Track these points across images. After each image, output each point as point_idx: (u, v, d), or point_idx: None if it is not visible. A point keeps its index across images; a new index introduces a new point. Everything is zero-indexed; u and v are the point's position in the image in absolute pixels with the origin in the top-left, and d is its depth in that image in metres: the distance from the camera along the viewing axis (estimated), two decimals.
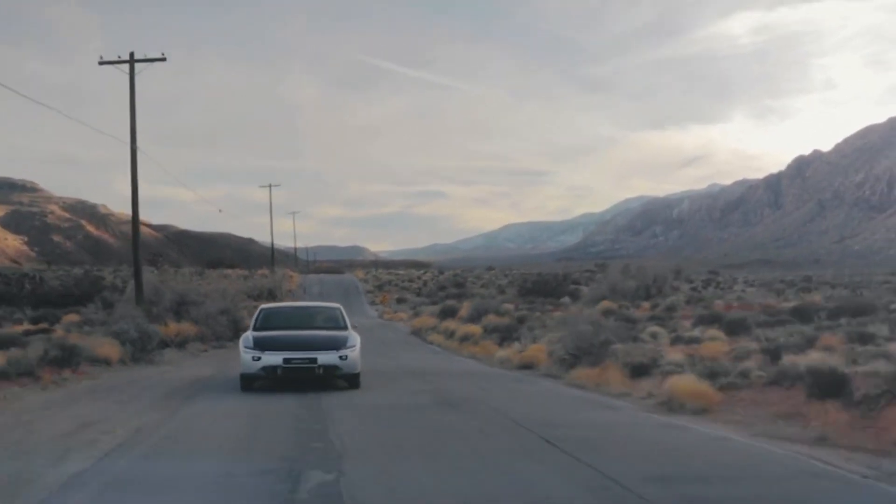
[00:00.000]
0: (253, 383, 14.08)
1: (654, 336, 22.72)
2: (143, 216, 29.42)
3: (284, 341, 14.11)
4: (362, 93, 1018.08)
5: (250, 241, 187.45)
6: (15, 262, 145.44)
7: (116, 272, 75.59)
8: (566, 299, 52.57)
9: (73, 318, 32.44)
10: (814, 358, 13.42)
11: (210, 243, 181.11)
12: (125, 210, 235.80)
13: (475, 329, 28.23)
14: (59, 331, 24.95)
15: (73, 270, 77.11)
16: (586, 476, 6.92)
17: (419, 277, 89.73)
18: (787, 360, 13.88)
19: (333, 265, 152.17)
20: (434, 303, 52.08)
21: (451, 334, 29.73)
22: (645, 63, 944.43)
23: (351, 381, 14.21)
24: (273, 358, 13.76)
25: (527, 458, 7.88)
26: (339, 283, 78.14)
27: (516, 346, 22.44)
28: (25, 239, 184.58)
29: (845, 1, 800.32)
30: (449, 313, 37.26)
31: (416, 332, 35.13)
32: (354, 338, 14.53)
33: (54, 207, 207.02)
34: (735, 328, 23.75)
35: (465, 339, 27.33)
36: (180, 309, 28.33)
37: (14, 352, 14.75)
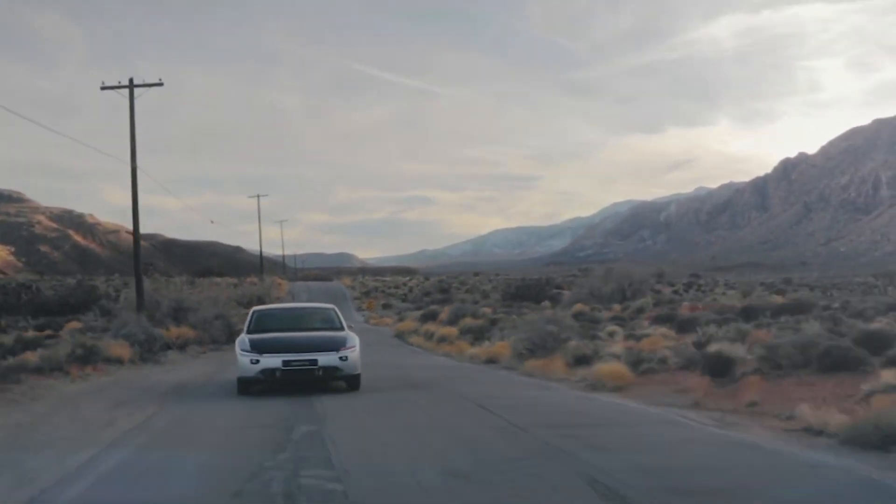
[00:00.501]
0: (251, 387, 13.93)
1: (611, 334, 25.34)
2: (131, 225, 31.84)
3: (283, 343, 14.03)
4: (349, 99, 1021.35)
5: (238, 249, 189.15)
6: (2, 272, 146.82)
7: (108, 281, 77.98)
8: (546, 303, 55.16)
9: (74, 325, 34.80)
10: (727, 348, 16.15)
11: (198, 252, 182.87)
12: (112, 219, 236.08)
13: (452, 331, 30.90)
14: (65, 337, 27.39)
15: (66, 280, 79.34)
16: (500, 424, 9.69)
17: (405, 284, 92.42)
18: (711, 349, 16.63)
19: (321, 272, 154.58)
20: (419, 308, 54.66)
21: (430, 336, 32.34)
22: (630, 67, 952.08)
23: (351, 382, 14.21)
24: (272, 360, 13.61)
25: (461, 415, 10.69)
26: (327, 290, 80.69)
27: (486, 344, 25.11)
28: (12, 249, 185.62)
29: (828, 4, 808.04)
30: (430, 317, 39.99)
31: (399, 335, 37.73)
32: (353, 338, 14.57)
33: (41, 217, 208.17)
34: (685, 326, 26.48)
35: (442, 339, 29.94)
36: (178, 315, 30.86)
37: (45, 351, 17.32)
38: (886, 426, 7.80)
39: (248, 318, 16.04)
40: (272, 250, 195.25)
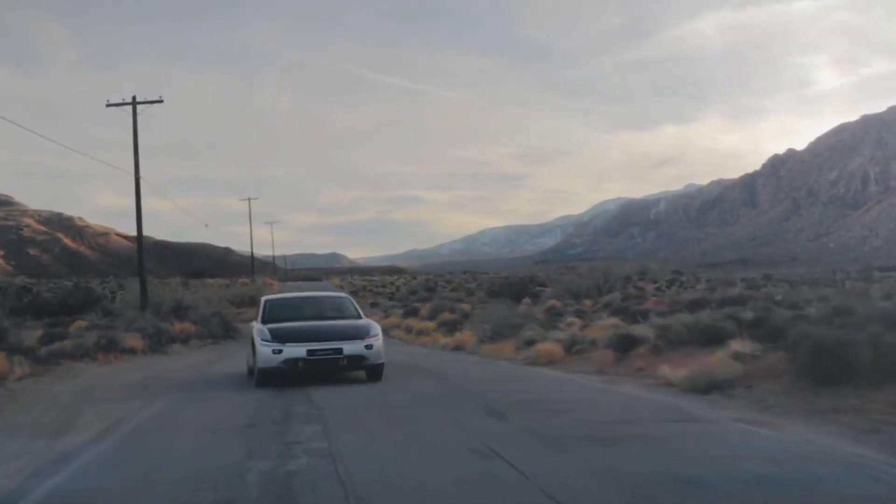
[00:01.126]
0: (272, 379, 13.52)
1: (569, 325, 28.79)
2: (120, 228, 35.26)
3: (306, 332, 13.80)
4: (336, 99, 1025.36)
5: (228, 250, 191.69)
6: None
7: (104, 284, 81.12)
8: (527, 300, 58.56)
9: (80, 324, 38.05)
10: (636, 329, 19.61)
11: (188, 253, 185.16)
12: (101, 222, 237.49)
13: (430, 325, 34.35)
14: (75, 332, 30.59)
15: (62, 283, 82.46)
16: (442, 383, 13.23)
17: (392, 283, 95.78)
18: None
19: (311, 273, 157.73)
20: (404, 306, 57.98)
21: (411, 330, 35.76)
22: (617, 65, 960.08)
23: (375, 371, 14.10)
24: (295, 350, 13.35)
25: (414, 377, 14.28)
26: (316, 289, 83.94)
27: (458, 335, 28.54)
28: (2, 252, 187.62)
29: (815, 0, 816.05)
30: (412, 313, 43.41)
31: (384, 330, 41.10)
32: (376, 326, 14.59)
33: (30, 220, 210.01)
34: (636, 317, 29.98)
35: (420, 332, 33.36)
36: (179, 312, 34.18)
37: (75, 340, 20.67)
38: (708, 378, 11.28)
39: (261, 307, 15.47)
40: (262, 251, 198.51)
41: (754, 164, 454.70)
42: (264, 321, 14.54)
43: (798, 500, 5.38)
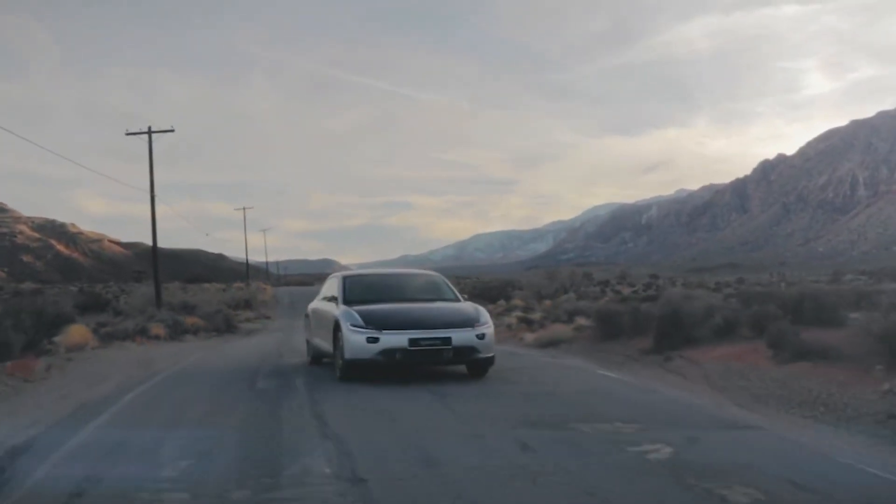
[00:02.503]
0: (364, 371, 12.05)
1: (511, 316, 35.43)
2: (113, 234, 41.85)
3: (405, 317, 12.13)
4: (325, 104, 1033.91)
5: (220, 256, 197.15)
6: None
7: (106, 288, 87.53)
8: (502, 301, 65.06)
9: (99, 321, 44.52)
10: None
11: (181, 259, 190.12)
12: (94, 228, 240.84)
13: None
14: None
15: (66, 288, 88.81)
16: None
17: None
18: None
19: (304, 278, 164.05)
20: None
21: None
22: (606, 69, 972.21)
23: (482, 366, 12.51)
24: (394, 339, 11.69)
25: None
26: (308, 294, 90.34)
27: None
28: None
29: (801, 4, 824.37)
30: None
31: None
32: (485, 313, 12.95)
33: (23, 227, 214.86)
34: (574, 313, 36.64)
35: None
36: (187, 310, 40.68)
37: (114, 326, 27.20)
38: (549, 339, 17.93)
39: (340, 285, 13.58)
40: (254, 257, 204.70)
41: (745, 168, 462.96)
42: (347, 301, 12.83)
43: (566, 388, 11.73)
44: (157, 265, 41.89)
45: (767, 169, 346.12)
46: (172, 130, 40.13)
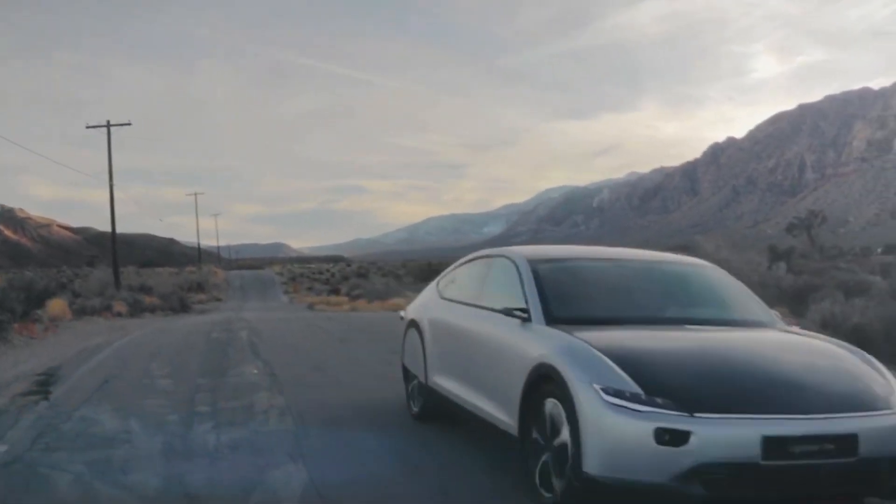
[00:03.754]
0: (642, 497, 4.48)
1: None
2: (61, 219, 45.85)
3: (737, 377, 4.82)
4: (278, 89, 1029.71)
5: (172, 241, 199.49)
6: None
7: (60, 273, 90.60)
8: None
9: (59, 302, 48.31)
10: None
11: (131, 244, 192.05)
12: (43, 213, 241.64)
13: (343, 298, 45.50)
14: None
15: (22, 273, 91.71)
16: (307, 319, 24.35)
17: (328, 270, 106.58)
18: None
19: (255, 262, 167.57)
20: (332, 288, 68.93)
21: (329, 303, 46.90)
22: (556, 54, 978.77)
23: None
24: (735, 435, 4.40)
25: (298, 322, 25.34)
26: (258, 277, 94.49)
27: (356, 303, 39.82)
28: None
29: None
30: (334, 292, 54.55)
31: (310, 306, 52.25)
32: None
33: None
34: None
35: (336, 304, 44.49)
36: (144, 291, 44.72)
37: (84, 303, 31.34)
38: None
39: (524, 276, 6.09)
40: (206, 241, 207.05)
41: (695, 151, 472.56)
42: (552, 317, 5.64)
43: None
44: (116, 249, 45.77)
45: (717, 152, 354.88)
46: (129, 124, 44.15)
